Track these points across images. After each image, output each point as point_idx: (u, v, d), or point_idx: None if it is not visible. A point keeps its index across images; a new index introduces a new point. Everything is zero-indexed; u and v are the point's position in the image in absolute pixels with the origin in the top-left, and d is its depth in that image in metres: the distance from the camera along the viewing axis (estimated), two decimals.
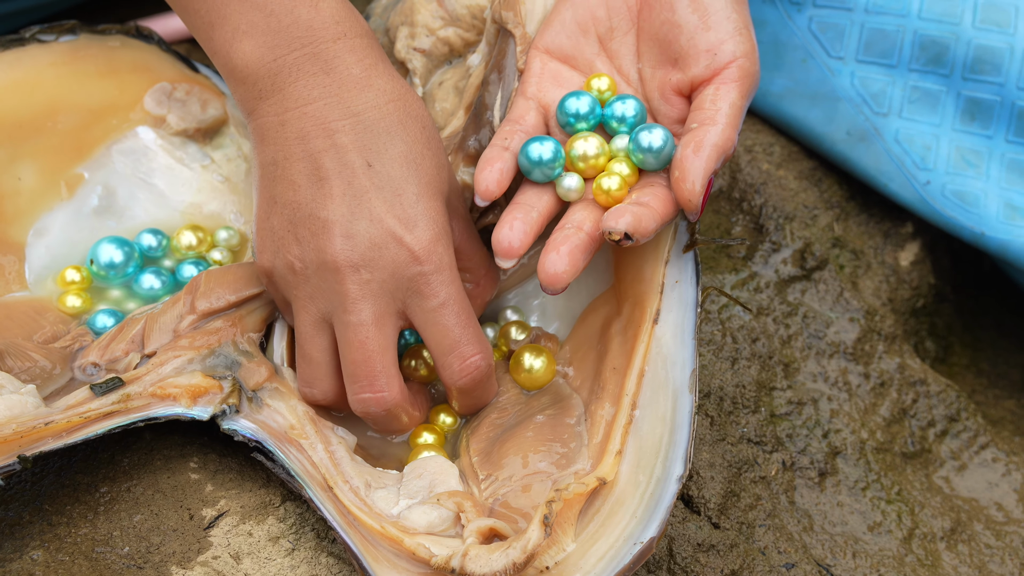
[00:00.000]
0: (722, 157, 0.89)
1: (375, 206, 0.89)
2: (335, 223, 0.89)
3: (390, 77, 0.92)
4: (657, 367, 0.91)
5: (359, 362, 0.90)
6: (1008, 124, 1.10)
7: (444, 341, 0.90)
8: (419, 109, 0.93)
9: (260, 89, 0.91)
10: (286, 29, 0.90)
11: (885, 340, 1.08)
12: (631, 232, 0.87)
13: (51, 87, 1.04)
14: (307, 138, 0.90)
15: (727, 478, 0.98)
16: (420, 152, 0.91)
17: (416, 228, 0.89)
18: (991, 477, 1.06)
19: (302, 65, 0.90)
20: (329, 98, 0.90)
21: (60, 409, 0.90)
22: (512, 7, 0.97)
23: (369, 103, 0.90)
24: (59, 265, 1.02)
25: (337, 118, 0.90)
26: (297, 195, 0.90)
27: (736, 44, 0.91)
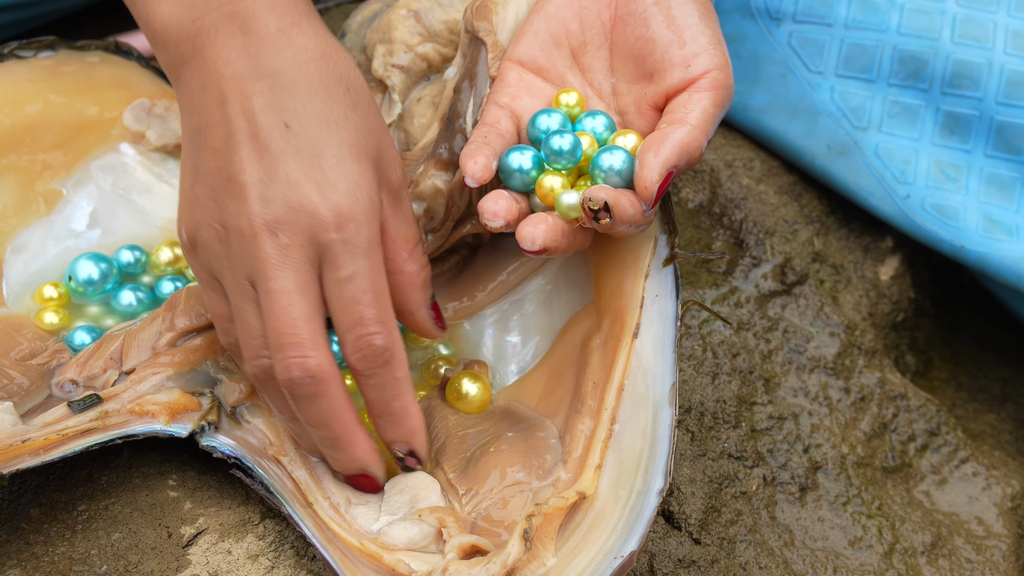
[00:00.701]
0: (685, 155, 0.88)
1: (292, 168, 0.85)
2: (251, 185, 0.85)
3: (314, 34, 0.89)
4: (637, 381, 0.91)
5: (283, 330, 0.85)
6: (987, 138, 1.10)
7: (346, 316, 0.86)
8: (346, 68, 0.89)
9: (181, 53, 0.88)
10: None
11: (865, 355, 1.08)
12: (611, 203, 0.86)
13: (29, 103, 1.04)
14: (225, 102, 0.87)
15: (708, 493, 0.98)
16: (343, 113, 0.87)
17: (334, 192, 0.85)
18: (971, 491, 1.06)
19: (220, 25, 0.87)
20: (247, 59, 0.87)
21: (38, 426, 0.89)
22: (484, 16, 0.97)
23: (288, 62, 0.87)
24: (37, 282, 1.02)
25: (254, 79, 0.86)
26: (217, 161, 0.86)
27: (710, 57, 0.91)
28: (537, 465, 0.91)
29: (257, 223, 0.85)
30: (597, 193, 0.86)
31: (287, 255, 0.85)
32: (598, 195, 0.86)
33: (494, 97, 0.94)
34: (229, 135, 0.86)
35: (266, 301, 0.85)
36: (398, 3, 1.04)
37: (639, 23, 0.93)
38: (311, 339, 0.85)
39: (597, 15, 0.94)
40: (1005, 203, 1.10)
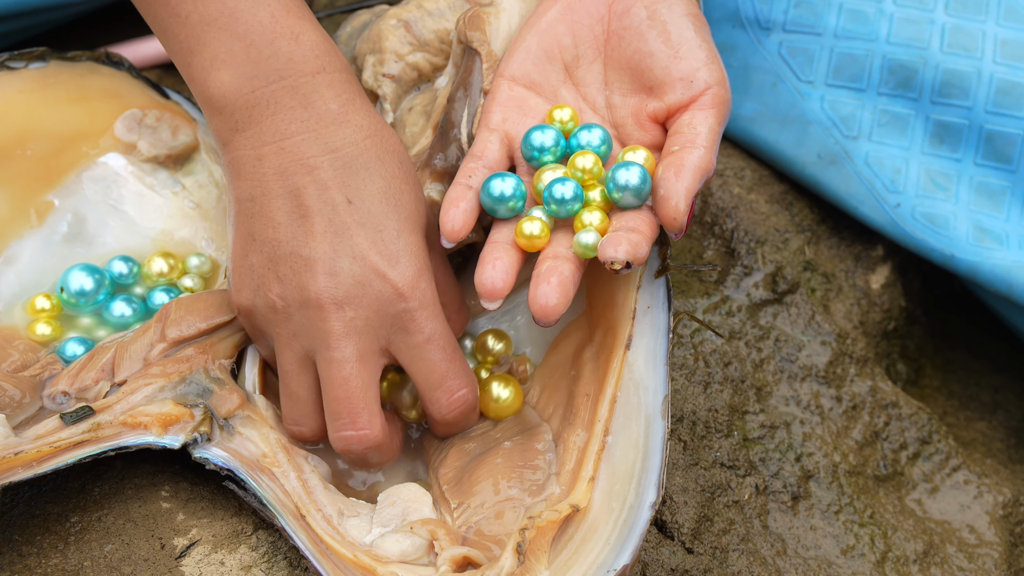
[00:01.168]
0: (703, 178, 0.90)
1: (357, 243, 0.89)
2: (318, 260, 0.89)
3: (367, 112, 0.92)
4: (629, 393, 0.91)
5: (341, 399, 0.89)
6: (976, 147, 1.11)
7: (431, 376, 0.90)
8: (395, 144, 0.93)
9: (236, 121, 0.90)
10: (265, 60, 0.89)
11: (857, 363, 1.08)
12: (632, 260, 0.87)
13: (20, 114, 1.04)
14: (286, 174, 0.89)
15: (700, 503, 0.98)
16: (399, 187, 0.91)
17: (399, 264, 0.89)
18: (963, 499, 1.06)
19: (280, 98, 0.90)
20: (307, 133, 0.89)
21: (30, 439, 0.89)
22: (478, 27, 0.97)
23: (347, 139, 0.90)
24: (28, 293, 1.01)
25: (316, 154, 0.89)
26: (277, 232, 0.90)
27: (709, 72, 0.92)
28: (531, 480, 0.91)
29: (324, 297, 0.88)
30: (616, 254, 0.86)
31: (352, 327, 0.89)
32: (618, 256, 0.86)
33: (485, 119, 0.94)
34: (291, 208, 0.89)
35: (326, 370, 0.89)
36: (388, 13, 1.04)
37: (635, 37, 0.93)
38: (367, 409, 0.90)
39: (590, 29, 0.95)
40: (995, 212, 1.10)
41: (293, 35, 0.90)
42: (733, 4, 1.14)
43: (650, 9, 0.93)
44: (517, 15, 0.99)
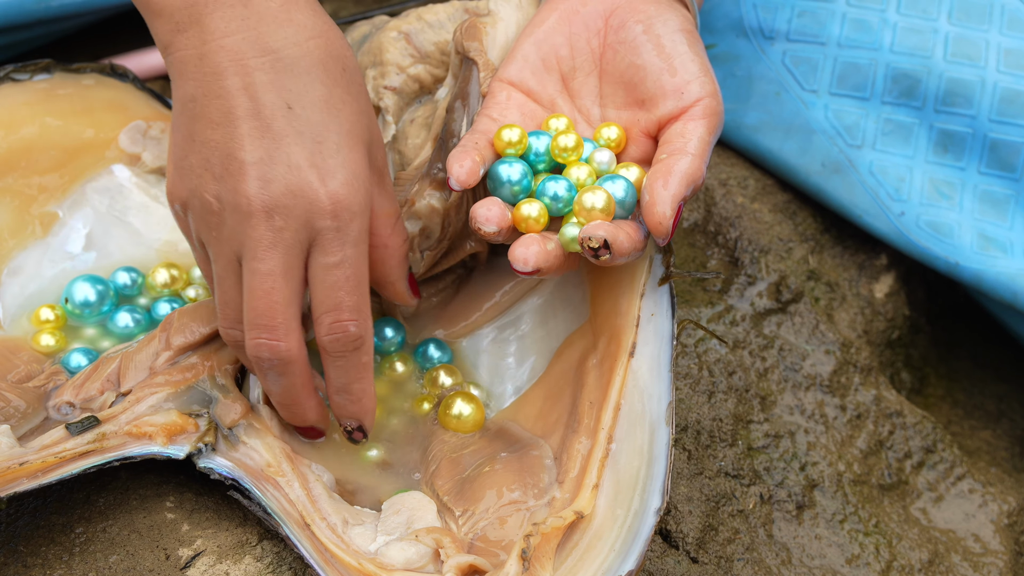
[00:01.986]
0: (691, 186, 0.89)
1: (294, 152, 0.87)
2: (252, 164, 0.86)
3: (312, 12, 0.89)
4: (634, 400, 0.91)
5: (261, 311, 0.87)
6: (980, 156, 1.11)
7: (326, 300, 0.88)
8: (342, 48, 0.90)
9: (177, 21, 0.88)
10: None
11: (861, 372, 1.08)
12: (610, 240, 0.86)
13: (25, 126, 1.04)
14: (224, 74, 0.87)
15: (705, 512, 0.98)
16: (341, 97, 0.89)
17: (334, 179, 0.87)
18: (968, 508, 1.06)
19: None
20: (247, 31, 0.87)
21: (35, 449, 0.89)
22: (475, 37, 0.98)
23: (288, 39, 0.88)
24: (33, 304, 1.02)
25: (255, 54, 0.87)
26: (215, 133, 0.87)
27: (701, 85, 0.92)
28: (532, 483, 0.91)
29: (255, 203, 0.86)
30: (596, 231, 0.87)
31: (280, 238, 0.87)
32: (596, 233, 0.87)
33: (485, 111, 0.95)
34: (229, 109, 0.87)
35: (250, 279, 0.87)
36: (388, 25, 1.04)
37: (629, 51, 0.94)
38: (285, 324, 0.88)
39: (587, 42, 0.95)
40: (999, 220, 1.10)
41: None
42: (737, 14, 1.14)
43: (645, 24, 0.94)
44: (514, 25, 0.99)
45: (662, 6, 0.95)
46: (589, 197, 0.89)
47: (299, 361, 0.89)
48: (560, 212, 0.91)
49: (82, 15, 1.19)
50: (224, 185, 0.87)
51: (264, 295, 0.87)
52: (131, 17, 1.24)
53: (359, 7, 1.25)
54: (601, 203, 0.89)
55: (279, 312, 0.87)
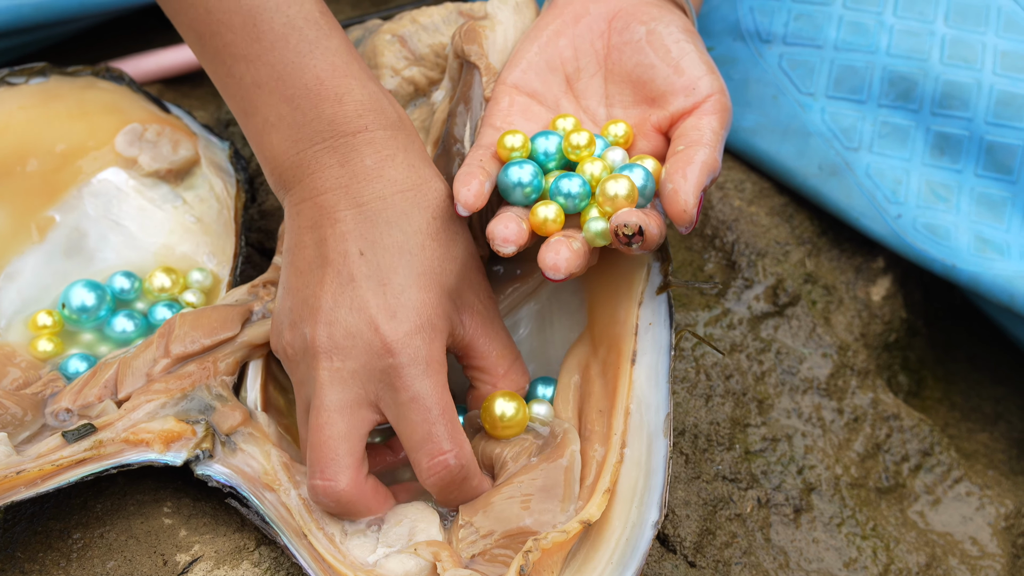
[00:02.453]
0: (711, 175, 0.90)
1: (359, 294, 0.89)
2: (320, 310, 0.89)
3: (408, 167, 0.92)
4: (632, 410, 0.91)
5: (315, 447, 0.89)
6: (977, 158, 1.11)
7: (413, 437, 0.88)
8: (433, 199, 0.92)
9: (286, 179, 0.93)
10: (309, 124, 0.91)
11: (858, 375, 1.08)
12: (644, 227, 0.87)
13: (21, 130, 1.04)
14: (314, 227, 0.91)
15: (703, 516, 0.98)
16: (420, 243, 0.90)
17: (394, 318, 0.88)
18: (965, 511, 1.06)
19: (321, 158, 0.91)
20: (340, 189, 0.91)
21: (32, 457, 0.89)
22: (475, 40, 0.97)
23: (375, 194, 0.91)
24: (30, 309, 1.01)
25: (342, 208, 0.90)
26: (299, 281, 0.91)
27: (710, 82, 0.93)
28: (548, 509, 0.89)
29: (318, 346, 0.89)
30: (630, 218, 0.87)
31: (336, 376, 0.89)
32: (631, 220, 0.87)
33: (489, 120, 0.95)
34: (311, 258, 0.91)
35: (310, 417, 0.90)
36: (382, 29, 1.04)
37: (635, 51, 0.95)
38: (337, 459, 0.88)
39: (591, 44, 0.96)
40: (996, 222, 1.10)
41: (336, 97, 0.91)
42: (734, 17, 1.14)
43: (648, 26, 0.95)
44: (513, 28, 0.99)
45: (664, 9, 0.96)
46: (612, 185, 0.89)
47: (358, 501, 0.89)
48: (576, 209, 0.91)
49: (79, 19, 1.19)
50: (297, 332, 0.90)
51: (317, 430, 0.89)
52: (127, 21, 1.24)
53: (356, 11, 1.25)
54: (625, 190, 0.89)
55: (330, 447, 0.88)
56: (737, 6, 1.14)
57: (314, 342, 0.89)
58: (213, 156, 1.06)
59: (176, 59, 1.19)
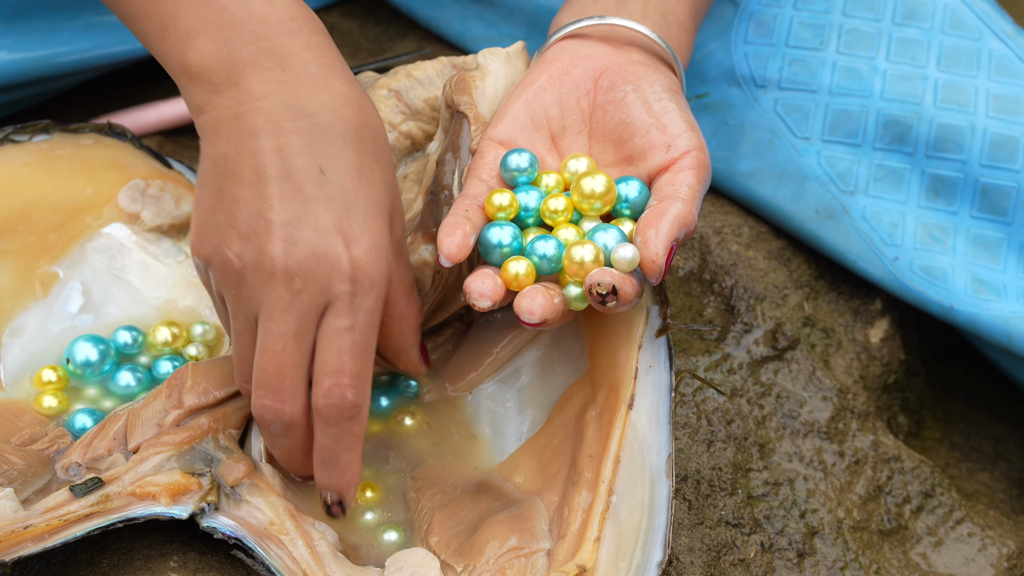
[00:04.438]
0: (683, 228, 0.91)
1: (322, 216, 0.87)
2: (279, 225, 0.87)
3: (347, 80, 0.90)
4: (633, 452, 0.92)
5: (270, 372, 0.88)
6: (972, 200, 1.12)
7: (330, 362, 0.88)
8: (373, 116, 0.91)
9: (214, 84, 0.89)
10: (240, 23, 0.89)
11: (858, 418, 1.08)
12: (618, 286, 0.87)
13: (25, 187, 1.05)
14: (259, 134, 0.88)
15: (707, 562, 0.99)
16: (371, 166, 0.89)
17: (358, 246, 0.87)
18: (968, 552, 1.07)
19: (257, 59, 0.89)
20: (284, 94, 0.88)
21: (39, 512, 0.90)
22: (464, 90, 0.99)
23: (324, 104, 0.89)
24: (35, 365, 1.02)
25: (291, 117, 0.88)
26: (244, 191, 0.88)
27: (689, 139, 0.94)
28: (528, 529, 0.91)
29: (278, 264, 0.87)
30: (603, 277, 0.88)
31: (297, 300, 0.87)
32: (605, 279, 0.88)
33: (476, 172, 0.95)
34: (260, 168, 0.88)
35: (263, 339, 0.88)
36: (378, 84, 1.05)
37: (618, 109, 0.96)
38: (292, 387, 0.88)
39: (576, 102, 0.97)
40: (992, 263, 1.11)
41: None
42: (729, 63, 1.15)
43: (634, 84, 0.96)
44: (503, 78, 1.00)
45: (650, 68, 0.97)
46: (578, 250, 0.90)
47: (301, 425, 0.90)
48: (551, 271, 0.92)
49: (80, 72, 1.20)
50: (248, 244, 0.87)
51: (274, 356, 0.88)
52: (126, 73, 1.25)
53: (354, 60, 1.26)
54: (591, 255, 0.90)
55: (287, 374, 0.88)
56: (732, 52, 1.15)
57: (273, 259, 0.87)
58: None
59: (175, 111, 1.20)
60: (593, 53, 0.98)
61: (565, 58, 0.98)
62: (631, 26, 0.98)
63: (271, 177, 0.88)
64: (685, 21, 1.02)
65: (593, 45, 0.98)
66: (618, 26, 0.98)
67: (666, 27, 1.01)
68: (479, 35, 1.23)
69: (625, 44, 0.99)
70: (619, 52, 0.98)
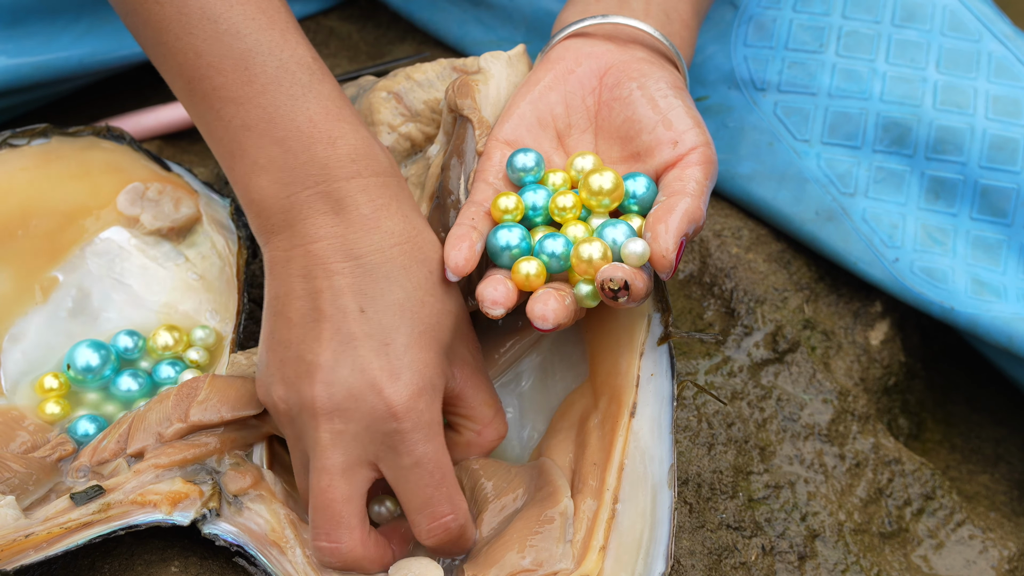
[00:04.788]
0: (692, 223, 0.91)
1: (360, 354, 0.88)
2: (318, 368, 0.88)
3: (402, 218, 0.91)
4: (636, 462, 0.91)
5: (319, 510, 0.89)
6: (971, 202, 1.12)
7: (415, 500, 0.89)
8: (429, 252, 0.91)
9: (273, 224, 0.91)
10: (302, 166, 0.90)
11: (859, 420, 1.08)
12: (629, 281, 0.87)
13: (24, 192, 1.05)
14: (308, 276, 0.89)
15: (708, 565, 0.99)
16: (420, 299, 0.90)
17: (398, 381, 0.88)
18: (968, 555, 1.07)
19: (313, 203, 0.90)
20: (334, 238, 0.89)
21: (40, 520, 0.90)
22: (467, 94, 0.98)
23: (373, 246, 0.89)
24: (35, 370, 1.02)
25: (339, 259, 0.89)
26: (290, 333, 0.89)
27: (696, 135, 0.94)
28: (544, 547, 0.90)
29: (319, 406, 0.88)
30: (615, 273, 0.88)
31: (339, 439, 0.88)
32: (617, 275, 0.87)
33: (482, 175, 0.95)
34: (306, 311, 0.89)
35: (312, 478, 0.89)
36: (377, 86, 1.05)
37: (624, 107, 0.95)
38: (345, 522, 0.89)
39: (582, 100, 0.96)
40: (992, 265, 1.11)
41: (330, 140, 0.90)
42: (728, 66, 1.15)
43: (639, 82, 0.95)
44: (505, 81, 1.00)
45: (655, 66, 0.96)
46: (586, 248, 0.90)
47: (364, 559, 0.90)
48: (560, 269, 0.92)
49: (78, 78, 1.20)
50: (292, 388, 0.89)
51: (321, 493, 0.88)
52: (125, 78, 1.25)
53: (353, 64, 1.26)
54: (599, 252, 0.90)
55: (336, 509, 0.88)
56: (731, 55, 1.15)
57: (313, 401, 0.88)
58: (214, 213, 1.06)
59: (175, 115, 1.20)
60: (598, 51, 0.97)
61: (570, 57, 0.98)
62: (635, 24, 0.98)
63: (314, 320, 0.89)
64: (688, 19, 1.02)
65: (597, 43, 0.98)
66: (621, 24, 0.98)
67: (669, 25, 1.00)
68: (478, 38, 1.23)
69: (629, 42, 0.98)
70: (623, 50, 0.98)
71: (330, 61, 1.27)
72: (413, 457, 0.88)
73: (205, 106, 0.92)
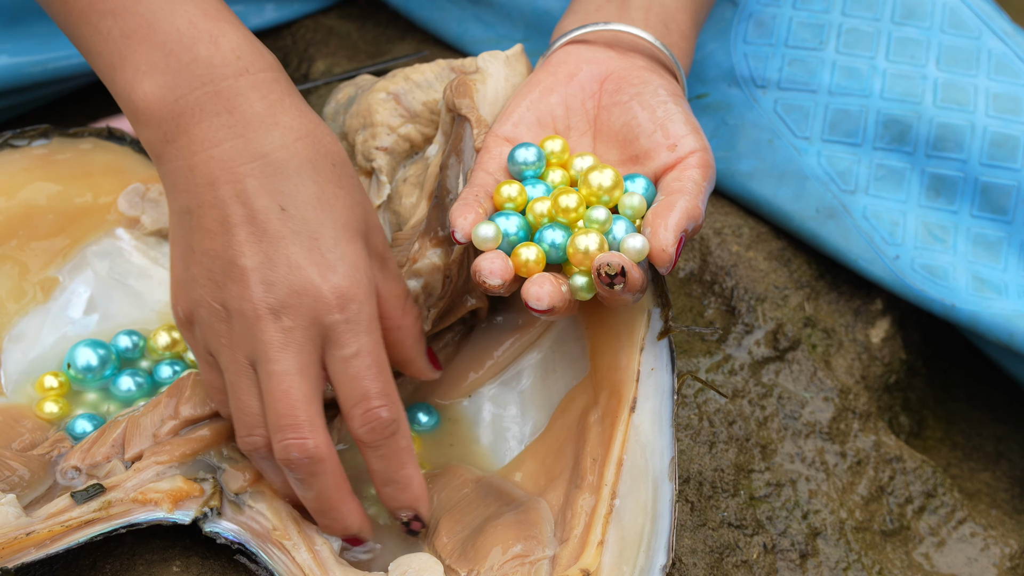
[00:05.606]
0: (692, 220, 0.91)
1: (292, 252, 0.88)
2: (252, 270, 0.87)
3: (298, 112, 0.91)
4: (636, 456, 0.92)
5: (283, 412, 0.87)
6: (972, 199, 1.12)
7: (352, 392, 0.88)
8: (330, 144, 0.91)
9: (165, 132, 0.90)
10: (185, 67, 0.89)
11: (860, 418, 1.08)
12: (626, 268, 0.87)
13: (25, 192, 1.05)
14: (216, 184, 0.88)
15: (709, 564, 0.99)
16: (333, 192, 0.90)
17: (336, 273, 0.88)
18: (970, 552, 1.07)
19: (204, 105, 0.89)
20: (235, 139, 0.88)
21: (41, 518, 0.90)
22: (466, 94, 0.99)
23: (276, 143, 0.89)
24: (36, 370, 1.02)
25: (244, 161, 0.88)
26: (213, 242, 0.88)
27: (694, 140, 0.95)
28: (534, 536, 0.91)
29: (260, 307, 0.87)
30: (611, 259, 0.88)
31: (290, 337, 0.87)
32: (613, 260, 0.88)
33: (481, 165, 0.96)
34: (224, 217, 0.88)
35: (267, 382, 0.88)
36: (375, 87, 1.05)
37: (624, 111, 0.96)
38: (309, 421, 0.87)
39: (582, 104, 0.97)
40: (993, 262, 1.11)
41: (212, 38, 0.89)
42: (728, 63, 1.15)
43: (639, 89, 0.96)
44: (503, 81, 1.00)
45: (654, 74, 0.97)
46: (582, 239, 0.90)
47: (330, 459, 0.89)
48: (560, 260, 0.92)
49: (79, 77, 1.20)
50: (228, 292, 0.88)
51: (283, 394, 0.87)
52: None
53: (352, 63, 1.26)
54: (595, 244, 0.90)
55: (300, 409, 0.87)
56: (731, 52, 1.15)
57: (254, 302, 0.87)
58: None
59: None
60: (599, 58, 0.98)
61: (571, 61, 0.98)
62: (635, 32, 0.99)
63: (235, 224, 0.88)
64: (686, 29, 1.03)
65: (598, 50, 0.99)
66: (622, 32, 0.99)
67: (668, 35, 1.01)
68: (477, 37, 1.23)
69: (629, 50, 0.99)
70: (624, 57, 0.98)
71: (329, 60, 1.27)
72: (353, 347, 0.88)
73: (83, 23, 0.91)
